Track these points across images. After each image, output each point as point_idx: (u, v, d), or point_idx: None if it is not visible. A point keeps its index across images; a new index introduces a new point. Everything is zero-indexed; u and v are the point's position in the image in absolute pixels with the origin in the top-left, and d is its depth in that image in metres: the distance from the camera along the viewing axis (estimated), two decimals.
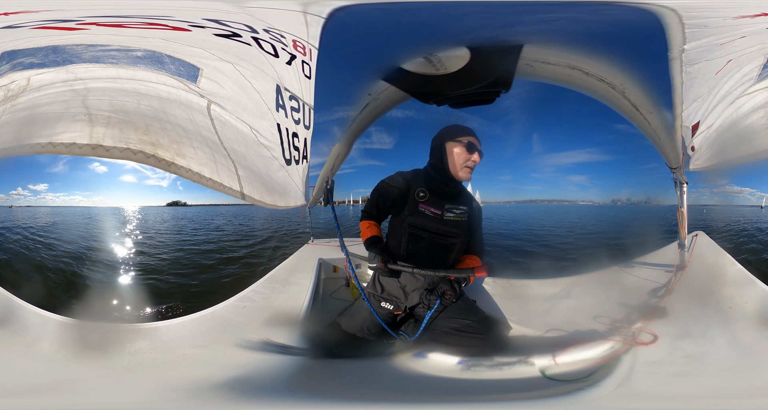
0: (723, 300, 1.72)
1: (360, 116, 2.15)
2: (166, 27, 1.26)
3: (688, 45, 1.44)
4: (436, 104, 2.09)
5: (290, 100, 1.53)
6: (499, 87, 2.04)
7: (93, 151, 1.13)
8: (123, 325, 1.74)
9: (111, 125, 1.18)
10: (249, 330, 1.72)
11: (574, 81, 2.08)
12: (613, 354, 1.53)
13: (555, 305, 2.24)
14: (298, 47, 1.36)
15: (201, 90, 1.36)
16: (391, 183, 1.86)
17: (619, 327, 1.82)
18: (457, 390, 1.50)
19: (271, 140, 1.50)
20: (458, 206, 1.84)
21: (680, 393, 1.20)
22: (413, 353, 1.75)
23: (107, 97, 1.26)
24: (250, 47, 1.30)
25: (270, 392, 1.31)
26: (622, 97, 1.96)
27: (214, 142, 1.34)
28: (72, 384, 1.28)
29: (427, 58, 1.74)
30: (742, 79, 1.49)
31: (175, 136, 1.26)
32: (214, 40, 1.28)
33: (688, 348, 1.45)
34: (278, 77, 1.44)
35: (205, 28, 1.24)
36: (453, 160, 1.78)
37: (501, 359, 1.63)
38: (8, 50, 1.27)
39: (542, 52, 1.97)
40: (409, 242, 1.82)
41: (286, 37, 1.31)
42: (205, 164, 1.27)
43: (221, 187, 1.28)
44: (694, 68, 1.55)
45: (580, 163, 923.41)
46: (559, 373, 1.49)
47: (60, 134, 1.12)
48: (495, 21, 1.56)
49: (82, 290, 4.34)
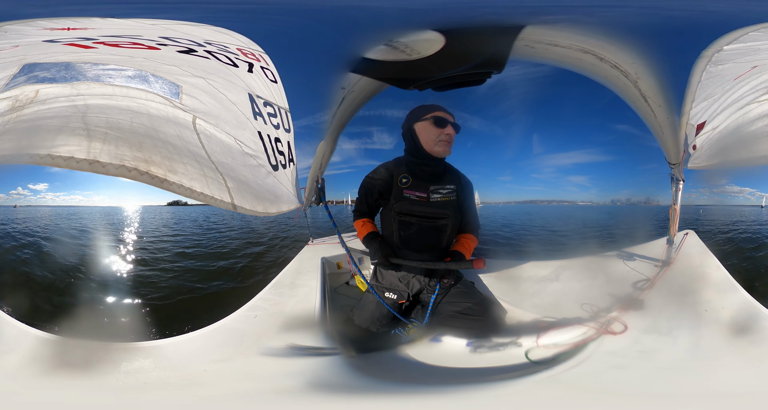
0: (700, 302, 1.74)
1: (339, 110, 2.13)
2: (144, 46, 1.30)
3: (729, 46, 1.35)
4: (418, 88, 2.01)
5: (265, 107, 1.55)
6: (489, 68, 1.91)
7: (90, 167, 1.19)
8: (114, 344, 1.64)
9: (108, 141, 1.26)
10: (268, 338, 1.70)
11: (583, 65, 1.95)
12: (584, 340, 1.61)
13: (544, 288, 2.30)
14: (248, 55, 1.36)
15: (184, 106, 1.42)
16: (374, 176, 1.90)
17: (596, 314, 1.90)
18: (468, 373, 1.57)
19: (255, 149, 1.56)
20: (444, 185, 1.85)
21: (607, 386, 1.26)
22: (430, 338, 1.84)
23: (104, 114, 1.35)
24: (210, 61, 1.33)
25: (330, 391, 1.30)
26: (633, 86, 1.84)
27: (201, 156, 1.43)
28: (37, 400, 1.21)
29: (389, 44, 1.66)
30: (758, 85, 1.38)
31: (166, 152, 1.35)
32: (181, 57, 1.31)
33: (648, 343, 1.51)
34: (247, 86, 1.46)
35: (168, 46, 1.28)
36: (425, 138, 1.76)
37: (498, 340, 1.73)
38: (30, 62, 1.35)
39: (550, 34, 1.82)
40: (401, 230, 1.87)
41: (230, 47, 1.31)
42: (196, 179, 1.36)
43: (213, 200, 1.38)
44: (717, 68, 1.49)
45: (580, 163, 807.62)
46: (538, 357, 1.59)
47: (59, 147, 1.17)
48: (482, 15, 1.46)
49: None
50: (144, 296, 3.92)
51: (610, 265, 2.40)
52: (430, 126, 1.74)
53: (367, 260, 3.02)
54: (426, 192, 1.80)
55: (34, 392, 1.25)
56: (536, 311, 1.99)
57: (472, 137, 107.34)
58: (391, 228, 1.91)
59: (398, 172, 1.83)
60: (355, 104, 2.15)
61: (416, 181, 1.81)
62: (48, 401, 1.22)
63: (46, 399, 1.23)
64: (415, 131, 1.78)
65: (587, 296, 2.04)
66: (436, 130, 1.73)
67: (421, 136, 1.76)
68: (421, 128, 1.76)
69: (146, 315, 3.35)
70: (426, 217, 1.84)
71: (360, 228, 2.00)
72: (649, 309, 1.81)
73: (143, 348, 1.62)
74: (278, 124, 1.65)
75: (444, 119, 1.74)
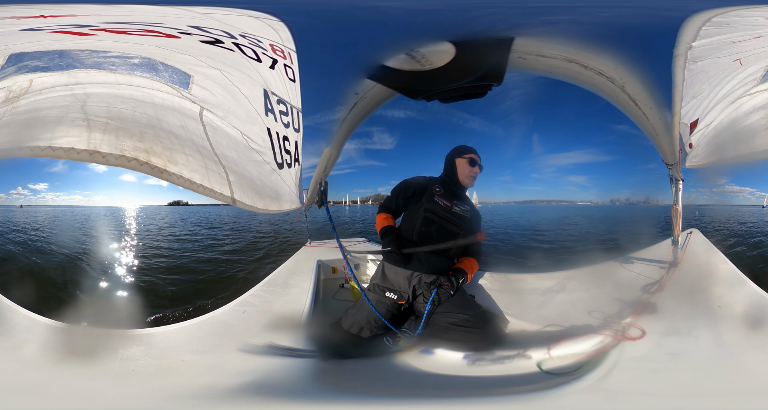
0: (712, 299, 1.73)
1: (349, 115, 2.19)
2: (161, 34, 1.28)
3: (697, 42, 1.44)
4: (425, 99, 2.12)
5: (278, 104, 1.55)
6: (490, 80, 2.04)
7: (90, 157, 1.17)
8: (116, 331, 1.71)
9: (108, 131, 1.21)
10: (251, 335, 1.71)
11: (571, 74, 2.05)
12: (603, 348, 1.55)
13: (550, 299, 2.26)
14: (277, 51, 1.38)
15: (193, 97, 1.39)
16: (413, 180, 2.25)
17: (610, 321, 1.84)
18: (465, 385, 1.52)
19: (262, 145, 1.53)
20: (463, 204, 2.22)
21: (653, 389, 1.23)
22: (420, 349, 1.80)
23: (105, 104, 1.29)
24: (233, 53, 1.32)
25: (283, 395, 1.29)
26: (621, 91, 1.93)
27: (205, 148, 1.38)
28: (54, 388, 1.27)
29: (410, 54, 1.77)
30: (746, 79, 1.46)
31: (168, 143, 1.30)
32: (201, 47, 1.30)
33: (673, 345, 1.47)
34: (264, 82, 1.46)
35: (192, 35, 1.27)
36: (460, 171, 2.23)
37: (502, 353, 1.68)
38: (17, 52, 1.28)
39: (536, 45, 1.94)
40: (423, 225, 2.11)
41: (263, 42, 1.32)
42: (197, 171, 1.31)
43: (212, 193, 1.33)
44: (697, 65, 1.54)
45: (580, 163, 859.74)
46: (553, 367, 1.53)
47: (59, 138, 1.14)
48: (482, 15, 1.55)
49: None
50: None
51: (616, 272, 2.39)
52: (465, 164, 2.22)
53: (362, 266, 2.99)
54: (451, 203, 2.16)
55: (53, 380, 1.31)
56: (542, 323, 1.95)
57: (473, 137, 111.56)
58: (414, 222, 2.12)
59: (433, 183, 2.23)
60: (366, 110, 2.23)
61: (446, 193, 2.19)
62: (61, 386, 1.28)
63: (60, 384, 1.29)
64: (456, 163, 2.24)
65: (596, 305, 2.00)
66: (469, 167, 2.21)
67: (458, 169, 2.22)
68: (459, 163, 2.23)
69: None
70: (446, 220, 2.14)
71: (381, 220, 2.17)
72: (663, 312, 1.77)
73: (138, 335, 1.68)
74: (288, 122, 1.64)
75: (475, 161, 2.23)
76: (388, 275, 2.08)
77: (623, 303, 1.97)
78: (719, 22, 1.35)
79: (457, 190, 2.22)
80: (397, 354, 1.80)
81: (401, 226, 2.17)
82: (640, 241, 2.64)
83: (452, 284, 1.96)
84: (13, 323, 1.65)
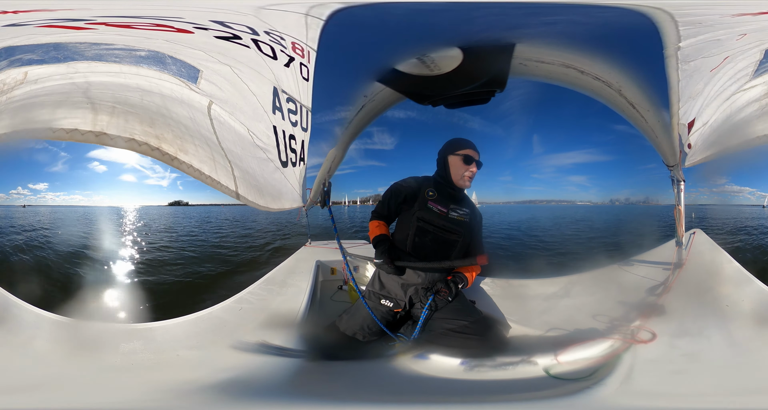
0: (720, 298, 1.73)
1: (356, 117, 2.20)
2: (172, 28, 1.28)
3: (684, 42, 1.46)
4: (432, 104, 2.15)
5: (287, 103, 1.55)
6: (493, 87, 2.09)
7: (96, 138, 1.12)
8: (118, 325, 1.75)
9: (116, 114, 1.18)
10: (245, 332, 1.70)
11: (569, 79, 2.11)
12: (614, 352, 1.53)
13: (554, 305, 2.24)
14: (297, 49, 1.39)
15: (201, 91, 1.38)
16: (403, 184, 2.04)
17: (618, 325, 1.82)
18: (461, 391, 1.49)
19: (267, 142, 1.52)
20: (462, 207, 2.01)
21: (681, 390, 1.22)
22: (414, 354, 1.74)
23: (109, 91, 1.25)
24: (248, 50, 1.33)
25: (265, 394, 1.29)
26: (618, 95, 1.98)
27: (212, 141, 1.37)
28: (64, 382, 1.28)
29: (421, 59, 1.80)
30: (737, 75, 1.50)
31: (178, 132, 1.27)
32: (215, 42, 1.30)
33: (686, 346, 1.46)
34: (276, 79, 1.46)
35: (208, 31, 1.27)
36: (454, 171, 1.98)
37: (504, 359, 1.63)
38: (6, 46, 1.24)
39: (536, 51, 2.00)
40: (416, 236, 1.94)
41: (286, 40, 1.33)
42: (205, 162, 1.29)
43: (219, 185, 1.30)
44: (690, 66, 1.57)
45: (580, 163, 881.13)
46: (563, 372, 1.50)
47: (60, 120, 1.10)
48: (487, 20, 1.60)
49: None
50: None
51: (620, 275, 2.37)
52: (459, 162, 1.96)
53: (362, 268, 2.93)
54: (447, 208, 1.96)
55: (66, 374, 1.33)
56: (546, 328, 1.90)
57: (473, 137, 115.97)
58: (406, 232, 1.96)
59: (426, 186, 2.00)
60: (373, 113, 2.22)
61: (440, 197, 1.98)
62: (75, 380, 1.30)
63: (73, 379, 1.31)
64: (448, 162, 1.99)
65: (602, 309, 1.98)
66: (464, 166, 1.96)
67: (452, 168, 1.98)
68: (453, 161, 1.98)
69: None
70: (443, 229, 1.96)
71: (374, 228, 2.02)
72: (671, 313, 1.75)
73: (139, 329, 1.69)
74: (296, 121, 1.63)
75: (471, 158, 1.97)
76: (384, 283, 1.99)
77: (630, 306, 1.95)
78: (691, 22, 1.37)
79: (453, 192, 2.00)
80: (389, 358, 1.76)
81: (395, 234, 2.03)
82: (643, 244, 2.65)
83: (451, 290, 1.88)
84: (21, 319, 1.67)
